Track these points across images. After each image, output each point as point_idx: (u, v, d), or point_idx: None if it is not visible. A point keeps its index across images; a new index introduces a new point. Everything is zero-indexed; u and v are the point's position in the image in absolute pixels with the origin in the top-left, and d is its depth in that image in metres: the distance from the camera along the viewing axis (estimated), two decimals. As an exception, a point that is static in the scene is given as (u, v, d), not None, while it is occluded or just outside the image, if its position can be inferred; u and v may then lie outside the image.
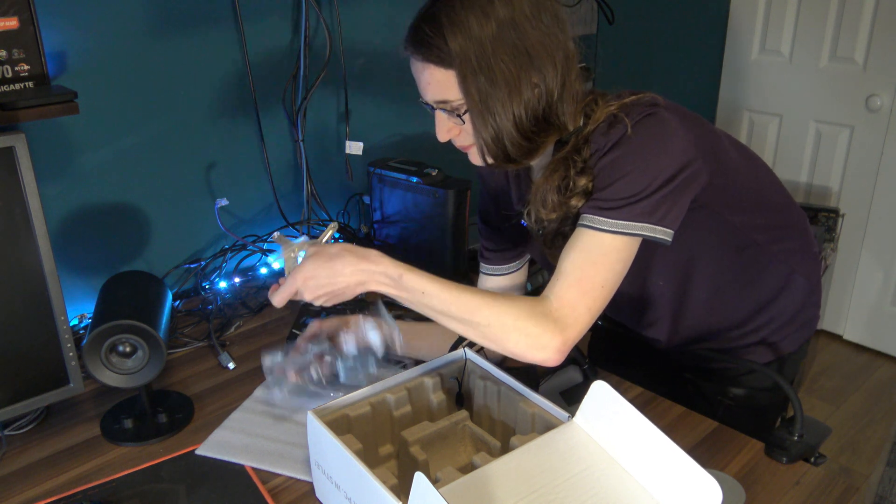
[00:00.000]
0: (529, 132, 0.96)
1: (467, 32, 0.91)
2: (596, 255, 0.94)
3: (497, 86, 0.92)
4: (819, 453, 1.07)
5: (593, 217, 0.95)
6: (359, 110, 1.87)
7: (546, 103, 0.95)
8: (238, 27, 1.58)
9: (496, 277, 1.29)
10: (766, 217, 1.12)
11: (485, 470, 0.82)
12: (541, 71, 0.93)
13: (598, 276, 0.94)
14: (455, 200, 1.58)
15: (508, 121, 0.94)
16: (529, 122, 0.95)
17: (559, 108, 0.96)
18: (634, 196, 0.93)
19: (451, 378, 1.05)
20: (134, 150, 1.49)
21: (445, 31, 0.92)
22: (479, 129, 0.96)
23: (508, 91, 0.93)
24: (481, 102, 0.93)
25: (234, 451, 1.08)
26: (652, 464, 0.80)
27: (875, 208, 2.80)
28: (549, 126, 0.98)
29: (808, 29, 2.80)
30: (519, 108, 0.94)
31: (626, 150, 0.94)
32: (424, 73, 0.97)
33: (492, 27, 0.91)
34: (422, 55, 0.96)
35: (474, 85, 0.92)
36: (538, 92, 0.94)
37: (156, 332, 1.07)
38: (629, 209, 0.93)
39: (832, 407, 2.63)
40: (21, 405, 1.09)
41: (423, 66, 0.97)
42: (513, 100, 0.93)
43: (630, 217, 0.93)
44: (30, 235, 1.05)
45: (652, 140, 0.94)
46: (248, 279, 1.65)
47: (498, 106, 0.93)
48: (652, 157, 0.94)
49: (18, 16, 1.19)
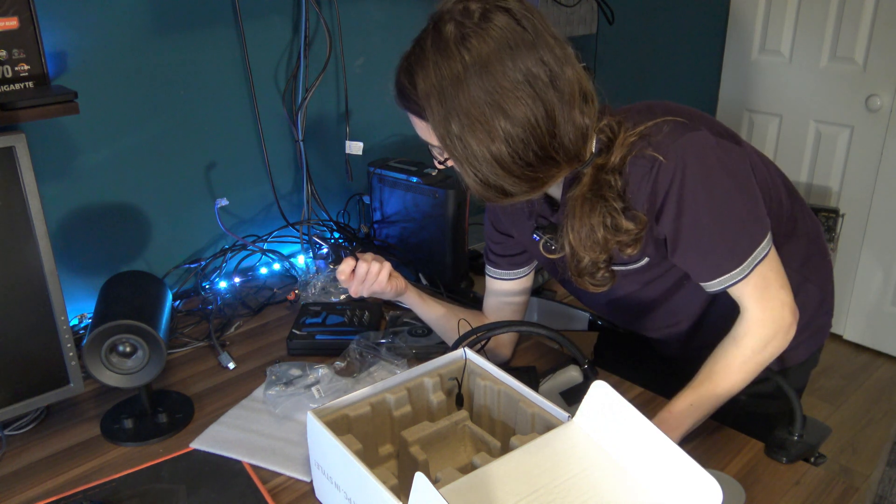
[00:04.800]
0: (520, 171, 0.90)
1: (436, 81, 0.88)
2: (762, 290, 1.00)
3: (470, 129, 0.88)
4: (819, 453, 1.08)
5: (731, 275, 0.98)
6: (359, 110, 1.87)
7: (537, 138, 0.89)
8: (238, 27, 1.58)
9: (504, 282, 1.26)
10: (781, 225, 1.12)
11: (485, 470, 0.82)
12: (521, 111, 0.87)
13: (773, 290, 1.01)
14: (455, 200, 1.58)
15: (491, 162, 0.89)
16: (518, 160, 0.89)
17: (559, 141, 0.90)
18: (732, 239, 0.97)
19: (450, 378, 1.05)
20: (134, 150, 1.49)
21: (417, 79, 0.90)
22: (463, 174, 0.93)
23: (485, 133, 0.88)
24: (458, 149, 0.90)
25: (229, 445, 1.08)
26: (652, 464, 0.80)
27: (875, 208, 2.80)
28: (549, 160, 0.91)
29: (808, 29, 2.80)
30: (500, 149, 0.88)
31: (698, 200, 0.95)
32: (411, 118, 0.99)
33: (457, 68, 0.87)
34: (401, 104, 0.97)
35: (447, 133, 0.90)
36: (521, 132, 0.88)
37: (156, 332, 1.07)
38: (748, 244, 0.97)
39: (832, 407, 2.63)
40: (21, 405, 1.09)
41: (406, 112, 0.98)
42: (491, 142, 0.88)
43: (748, 252, 0.97)
44: (30, 235, 1.05)
45: (716, 183, 0.95)
46: (248, 279, 1.65)
47: (475, 150, 0.89)
48: (724, 200, 0.96)
49: (18, 16, 1.19)
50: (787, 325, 1.01)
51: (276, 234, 1.72)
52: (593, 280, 1.05)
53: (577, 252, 1.01)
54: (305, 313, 1.43)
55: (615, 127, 0.98)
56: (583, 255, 1.00)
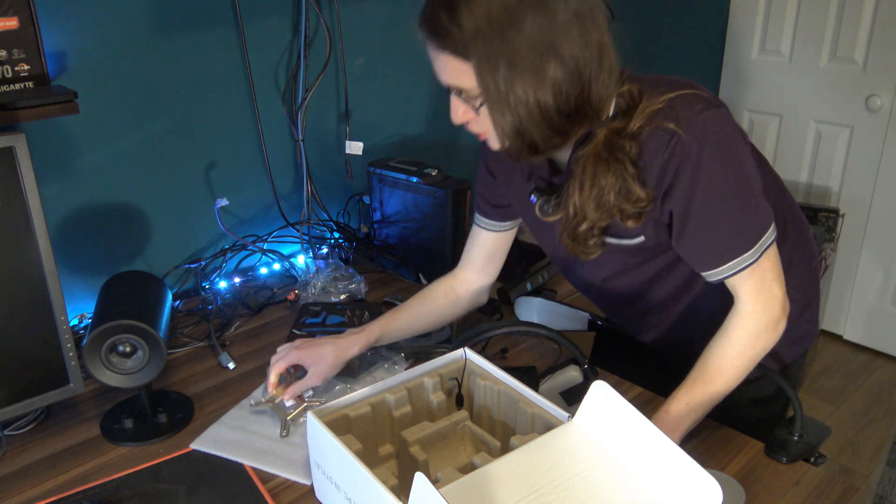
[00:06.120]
0: (558, 122, 0.88)
1: (485, 17, 0.83)
2: (759, 279, 0.99)
3: (519, 73, 0.84)
4: (819, 453, 1.07)
5: (742, 258, 0.97)
6: (359, 110, 1.87)
7: (578, 89, 0.86)
8: (238, 27, 1.58)
9: (490, 233, 1.24)
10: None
11: (485, 470, 0.82)
12: (571, 53, 0.84)
13: (768, 282, 1.00)
14: (455, 200, 1.58)
15: (533, 111, 0.86)
16: (558, 111, 0.87)
17: (593, 95, 0.88)
18: (744, 221, 0.96)
19: (450, 378, 1.05)
20: (134, 150, 1.49)
21: (462, 16, 0.84)
22: (499, 122, 0.89)
23: (533, 76, 0.84)
24: (501, 94, 0.86)
25: (228, 446, 1.08)
26: (652, 464, 0.80)
27: (875, 208, 2.80)
28: (580, 115, 0.89)
29: (808, 29, 2.80)
30: (546, 96, 0.85)
31: (714, 177, 0.93)
32: (439, 59, 0.90)
33: (511, 2, 0.82)
34: (437, 43, 0.89)
35: (492, 76, 0.85)
36: (567, 77, 0.85)
37: (156, 332, 1.07)
38: (758, 228, 0.96)
39: (832, 407, 2.63)
40: (21, 405, 1.09)
41: (438, 53, 0.90)
42: (539, 87, 0.84)
43: (759, 236, 0.97)
44: (30, 235, 1.05)
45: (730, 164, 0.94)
46: (248, 279, 1.65)
47: (520, 95, 0.85)
48: (736, 184, 0.95)
49: (18, 16, 1.19)
50: (777, 319, 1.00)
51: (276, 234, 1.72)
52: (584, 247, 1.03)
53: (582, 213, 0.97)
54: (305, 313, 1.43)
55: (636, 94, 0.95)
56: (587, 215, 0.97)
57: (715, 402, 1.02)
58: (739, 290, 1.00)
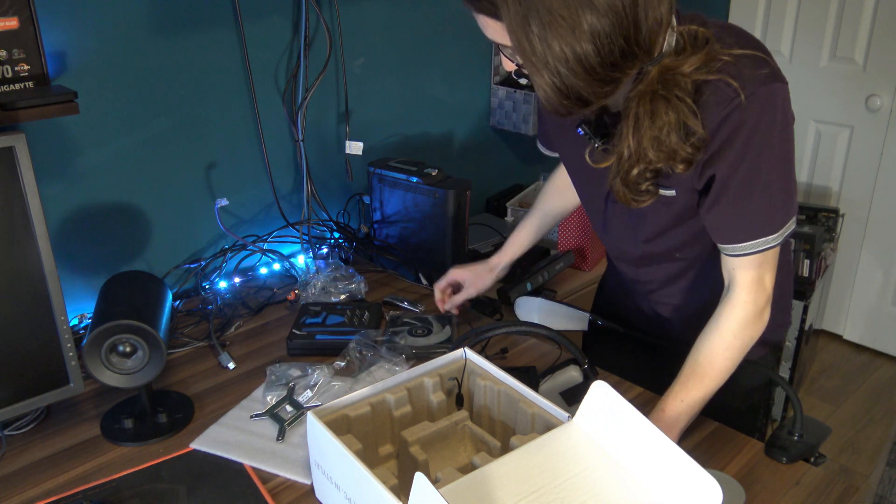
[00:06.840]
0: (603, 72, 0.82)
1: None
2: (762, 267, 0.99)
3: (554, 29, 0.79)
4: (819, 453, 1.07)
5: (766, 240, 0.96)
6: (359, 110, 1.87)
7: (623, 29, 0.80)
8: (238, 27, 1.58)
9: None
10: None
11: (485, 470, 0.82)
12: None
13: (764, 270, 1.00)
14: (455, 200, 1.58)
15: (574, 66, 0.81)
16: (604, 58, 0.81)
17: (641, 31, 0.82)
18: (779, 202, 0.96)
19: (450, 378, 1.05)
20: (134, 150, 1.49)
21: None
22: (540, 83, 0.84)
23: (570, 31, 0.79)
24: (538, 54, 0.81)
25: (229, 446, 1.08)
26: (652, 464, 0.80)
27: (875, 208, 2.80)
28: (628, 59, 0.83)
29: (808, 29, 2.80)
30: (585, 46, 0.80)
31: (762, 153, 0.92)
32: (479, 18, 0.89)
33: None
34: (473, 5, 0.87)
35: (525, 36, 0.81)
36: (607, 25, 0.79)
37: (156, 332, 1.07)
38: (786, 213, 0.96)
39: (832, 407, 2.63)
40: (21, 405, 1.09)
41: (475, 13, 0.88)
42: (576, 41, 0.79)
43: (785, 221, 0.97)
44: (30, 235, 1.05)
45: (782, 142, 0.93)
46: (248, 279, 1.65)
47: (558, 52, 0.80)
48: (782, 163, 0.94)
49: (18, 16, 1.19)
50: (762, 309, 1.00)
51: (276, 234, 1.72)
52: (636, 194, 0.99)
53: (637, 153, 0.93)
54: (305, 313, 1.43)
55: (700, 36, 0.90)
56: (642, 156, 0.93)
57: (709, 396, 1.02)
58: (739, 274, 0.99)
